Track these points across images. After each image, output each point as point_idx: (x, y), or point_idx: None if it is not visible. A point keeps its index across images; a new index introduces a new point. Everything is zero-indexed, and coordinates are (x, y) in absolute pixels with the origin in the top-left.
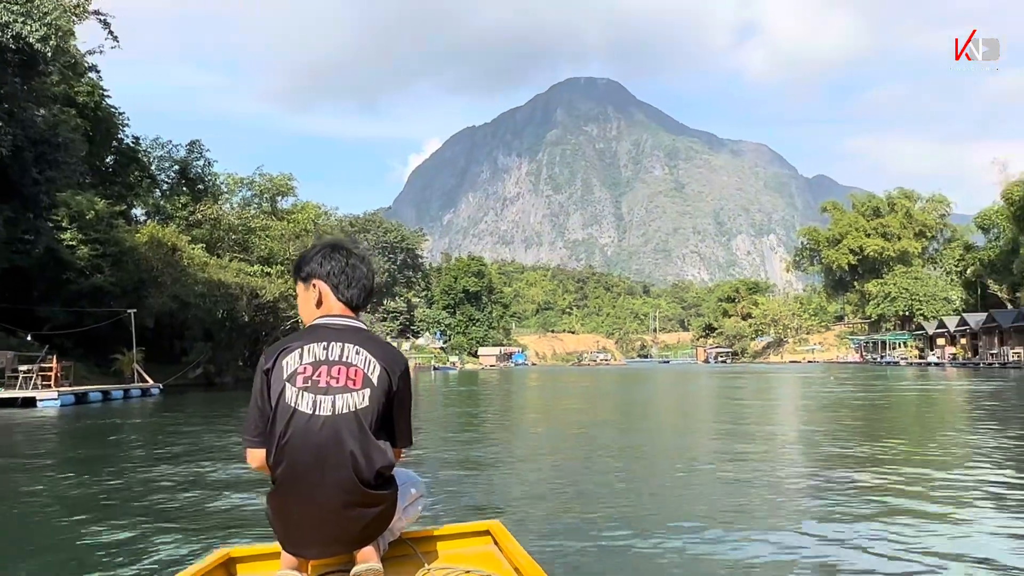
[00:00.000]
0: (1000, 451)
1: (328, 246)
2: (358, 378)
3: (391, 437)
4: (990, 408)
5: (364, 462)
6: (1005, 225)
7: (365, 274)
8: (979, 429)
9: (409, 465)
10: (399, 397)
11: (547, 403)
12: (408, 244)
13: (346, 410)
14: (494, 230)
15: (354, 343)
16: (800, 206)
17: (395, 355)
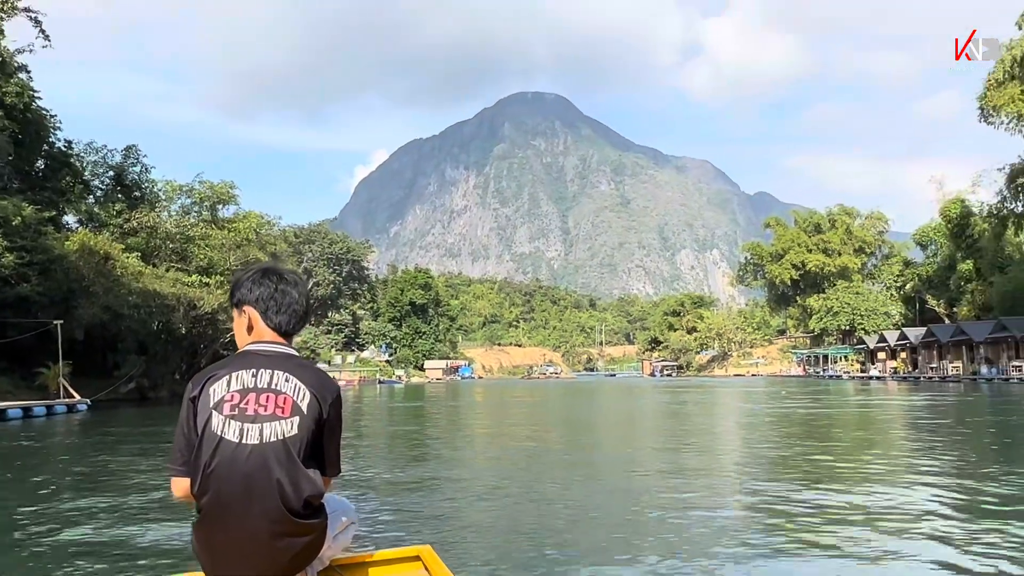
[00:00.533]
0: (943, 467)
1: (259, 271)
2: (287, 406)
3: (321, 465)
4: (933, 424)
5: (292, 491)
6: (942, 242)
7: (296, 299)
8: (928, 445)
9: (349, 487)
10: (329, 425)
11: (493, 420)
12: (354, 256)
13: (274, 438)
14: (441, 243)
15: (284, 370)
16: (742, 222)
17: (326, 382)
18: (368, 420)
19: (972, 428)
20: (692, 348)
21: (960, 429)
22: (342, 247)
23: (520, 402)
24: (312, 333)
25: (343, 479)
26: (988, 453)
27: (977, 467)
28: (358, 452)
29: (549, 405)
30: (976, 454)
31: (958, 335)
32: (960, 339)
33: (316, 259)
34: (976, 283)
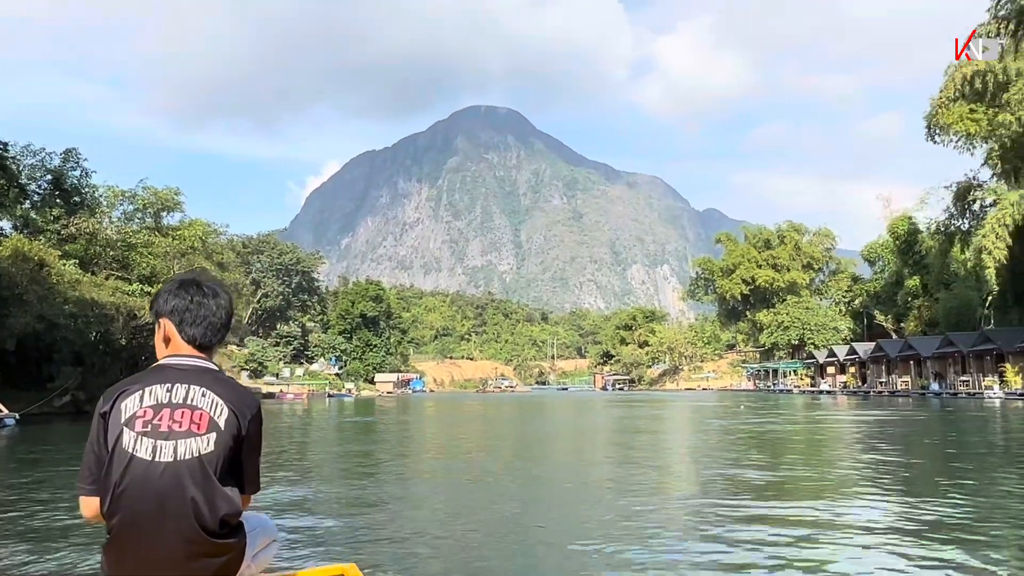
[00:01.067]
0: (896, 481)
1: (177, 282)
2: (203, 422)
3: (239, 483)
4: (896, 441)
5: (207, 510)
6: (890, 258)
7: (213, 311)
8: (893, 462)
9: (285, 506)
10: (249, 441)
11: (443, 435)
12: (304, 267)
13: (189, 456)
14: (393, 255)
15: (201, 385)
16: (692, 238)
17: (245, 397)
18: (316, 435)
19: (933, 446)
20: (644, 362)
21: (922, 446)
22: (292, 258)
23: (472, 417)
24: (260, 345)
25: (286, 496)
26: (946, 471)
27: (931, 484)
28: (303, 469)
29: (501, 420)
30: (935, 472)
31: (906, 350)
32: (908, 354)
33: (265, 270)
34: (923, 299)
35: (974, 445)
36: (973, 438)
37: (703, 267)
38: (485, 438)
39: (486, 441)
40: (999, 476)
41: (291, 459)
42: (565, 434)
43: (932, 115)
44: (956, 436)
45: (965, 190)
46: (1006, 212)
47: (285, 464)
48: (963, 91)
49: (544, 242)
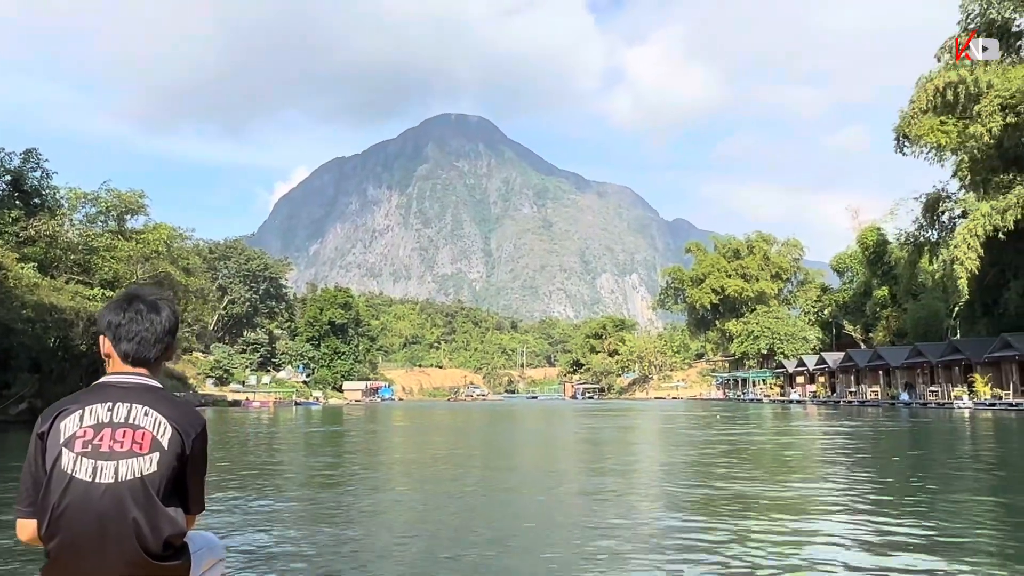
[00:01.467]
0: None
1: (120, 296)
2: (145, 441)
3: (184, 503)
4: (869, 450)
5: (150, 531)
6: (858, 269)
7: (147, 327)
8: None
9: (243, 521)
10: (193, 461)
11: (412, 447)
12: (271, 273)
13: (131, 476)
14: (362, 262)
15: (143, 403)
16: (660, 247)
17: (190, 416)
18: (281, 445)
19: (922, 459)
20: (614, 371)
21: (912, 459)
22: (259, 264)
23: (442, 427)
24: (226, 352)
25: (245, 510)
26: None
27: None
28: (264, 481)
29: (472, 431)
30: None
31: (875, 360)
32: (877, 364)
33: (232, 276)
34: (891, 309)
35: (964, 456)
36: (964, 447)
37: (673, 276)
38: (456, 450)
39: (457, 453)
40: (995, 489)
41: (252, 471)
42: (539, 446)
43: (901, 127)
44: (937, 448)
45: (934, 201)
46: (977, 223)
47: (246, 476)
48: (935, 102)
49: (514, 250)
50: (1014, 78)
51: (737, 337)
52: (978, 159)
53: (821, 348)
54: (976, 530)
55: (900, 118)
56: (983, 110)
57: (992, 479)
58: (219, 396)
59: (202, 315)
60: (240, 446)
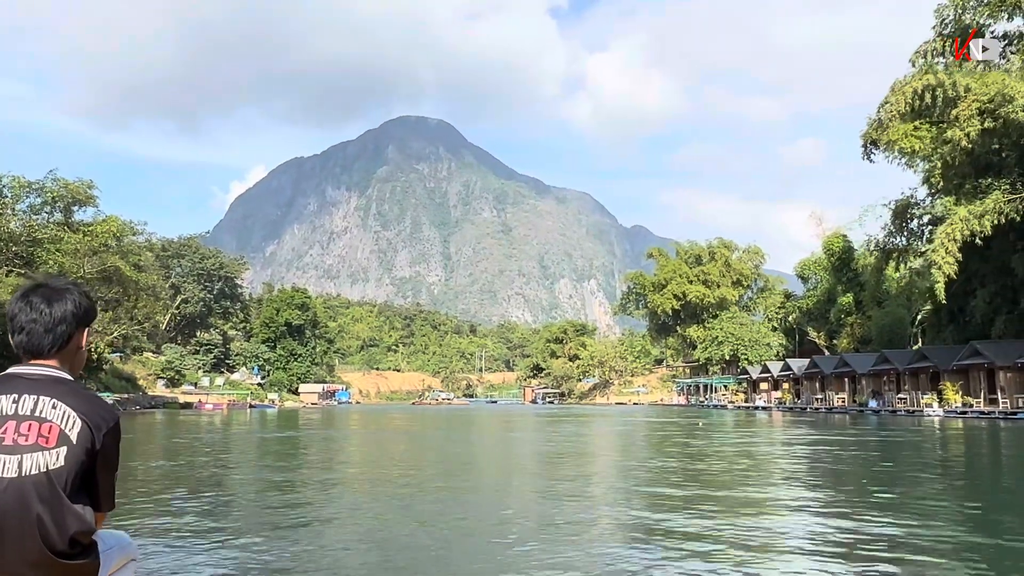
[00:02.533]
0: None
1: (24, 287)
2: (52, 435)
3: (93, 500)
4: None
5: (55, 529)
6: (823, 275)
7: (35, 317)
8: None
9: (180, 535)
10: (104, 456)
11: (370, 455)
12: (227, 272)
13: (35, 471)
14: (319, 264)
15: (51, 396)
16: (619, 254)
17: (101, 410)
18: (232, 451)
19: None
20: (574, 376)
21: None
22: (214, 263)
23: (405, 434)
24: (178, 353)
25: (184, 524)
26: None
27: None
28: (212, 491)
29: (434, 438)
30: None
31: (841, 367)
32: (843, 371)
33: (186, 274)
34: (855, 316)
35: (956, 464)
36: (955, 454)
37: (635, 281)
38: (421, 460)
39: (421, 467)
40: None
41: (198, 479)
42: (515, 456)
43: (869, 134)
44: (928, 457)
45: (903, 208)
46: (956, 227)
47: (190, 486)
48: (912, 105)
49: (473, 254)
50: (992, 83)
51: (701, 343)
52: (950, 164)
53: (785, 355)
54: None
55: (868, 125)
56: (961, 114)
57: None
58: (170, 398)
59: (153, 313)
60: (187, 453)
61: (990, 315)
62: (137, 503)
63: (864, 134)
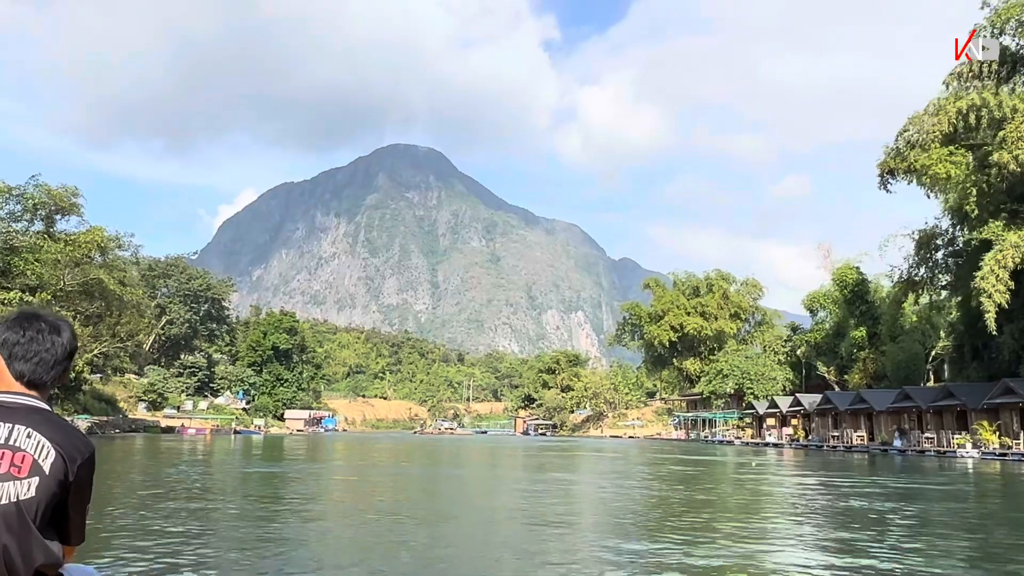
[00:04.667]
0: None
1: (17, 314)
2: (25, 465)
3: (63, 533)
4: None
5: (21, 560)
6: (832, 308)
7: (47, 348)
8: None
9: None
10: (77, 488)
11: (373, 499)
12: (214, 294)
13: (5, 500)
14: (306, 289)
15: (27, 425)
16: (606, 286)
17: (76, 440)
18: (212, 488)
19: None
20: (567, 407)
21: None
22: (201, 284)
23: (404, 473)
24: (161, 375)
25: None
26: None
27: None
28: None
29: (434, 479)
30: None
31: (857, 403)
32: (860, 407)
33: (172, 295)
34: (868, 351)
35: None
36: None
37: (631, 312)
38: (432, 512)
39: (419, 519)
40: None
41: (172, 522)
42: (560, 512)
43: (887, 163)
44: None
45: (928, 237)
46: (1007, 254)
47: (160, 527)
48: (956, 125)
49: (461, 283)
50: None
51: (704, 376)
52: (986, 192)
53: (792, 389)
54: None
55: (886, 154)
56: (1008, 136)
57: None
58: (151, 421)
59: (137, 331)
60: (166, 488)
61: (1018, 351)
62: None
63: (881, 163)
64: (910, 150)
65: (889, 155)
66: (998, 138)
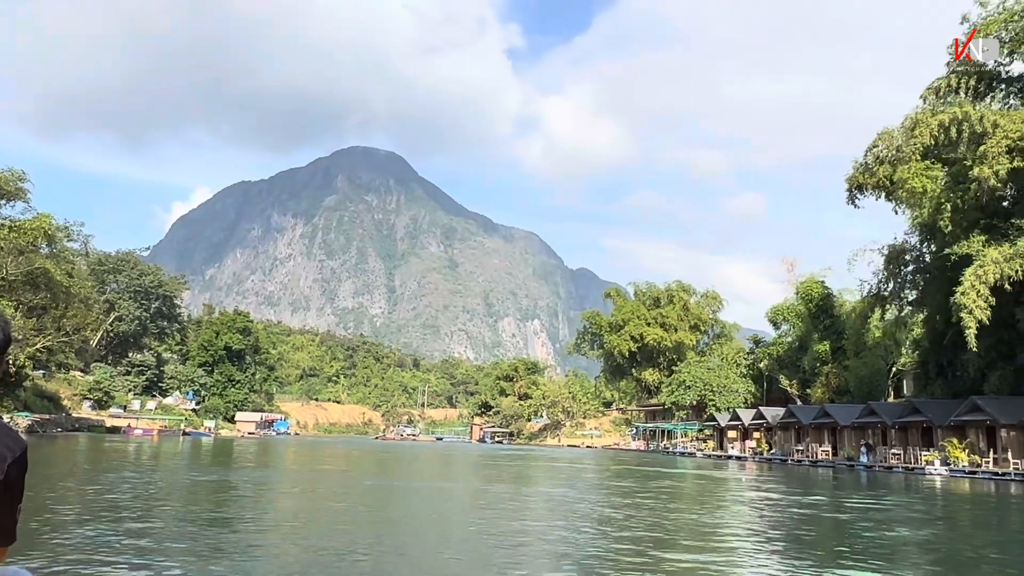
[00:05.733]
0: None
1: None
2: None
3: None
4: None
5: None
6: (795, 322)
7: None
8: None
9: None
10: (8, 487)
11: (332, 518)
12: (166, 291)
13: None
14: (260, 290)
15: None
16: (563, 295)
17: (7, 438)
18: (150, 500)
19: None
20: (524, 415)
21: None
22: (153, 280)
23: (363, 487)
24: (107, 373)
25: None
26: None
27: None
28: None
29: (393, 491)
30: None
31: (821, 417)
32: (824, 422)
33: (122, 291)
34: (832, 365)
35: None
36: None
37: (591, 321)
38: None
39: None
40: None
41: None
42: (540, 532)
43: (855, 177)
44: None
45: (898, 253)
46: (988, 270)
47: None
48: (937, 138)
49: (418, 288)
50: (1018, 120)
51: (667, 387)
52: (959, 207)
53: (754, 402)
54: None
55: (855, 169)
56: (990, 151)
57: None
58: (96, 421)
59: (84, 325)
60: (100, 489)
61: (983, 369)
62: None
63: (850, 178)
64: (879, 165)
65: (858, 170)
66: (979, 152)
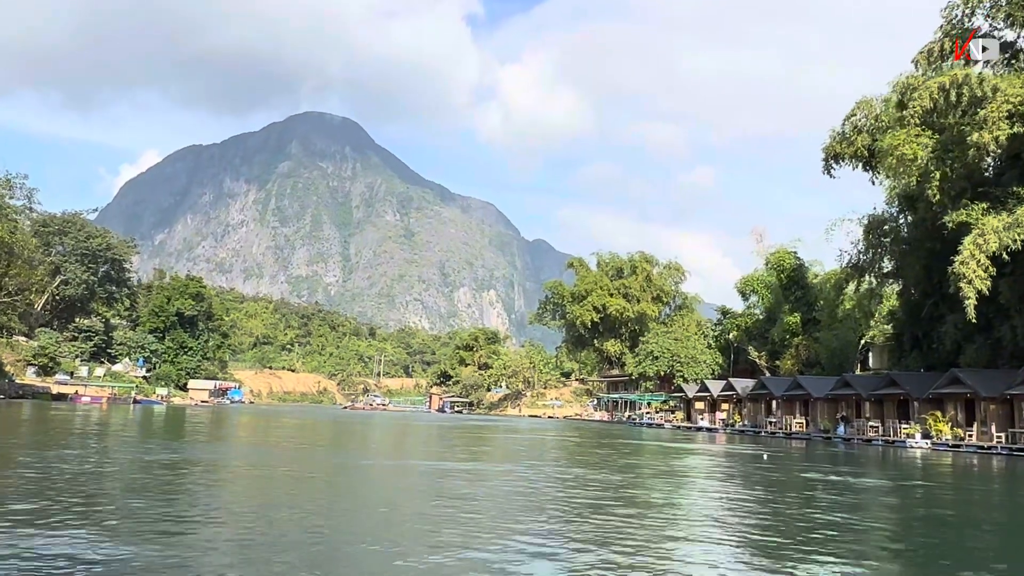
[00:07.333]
0: None
1: None
2: None
3: None
4: None
5: None
6: (764, 293)
7: None
8: None
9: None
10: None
11: (295, 499)
12: (115, 254)
13: None
14: (211, 256)
15: None
16: (520, 266)
17: None
18: (95, 476)
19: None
20: (483, 385)
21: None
22: (101, 243)
23: (329, 458)
24: (53, 338)
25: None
26: None
27: None
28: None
29: (355, 468)
30: None
31: (794, 389)
32: (796, 394)
33: (68, 253)
34: (802, 337)
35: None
36: None
37: (553, 291)
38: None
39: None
40: None
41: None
42: (532, 509)
43: (832, 147)
44: None
45: (877, 222)
46: (988, 239)
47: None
48: (936, 102)
49: (373, 257)
50: (1018, 84)
51: (635, 356)
52: (947, 176)
53: (721, 373)
54: None
55: (832, 138)
56: (990, 115)
57: None
58: (41, 387)
59: (28, 285)
60: (39, 466)
61: (959, 342)
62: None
63: (827, 147)
64: (857, 134)
65: (835, 139)
66: (979, 117)
